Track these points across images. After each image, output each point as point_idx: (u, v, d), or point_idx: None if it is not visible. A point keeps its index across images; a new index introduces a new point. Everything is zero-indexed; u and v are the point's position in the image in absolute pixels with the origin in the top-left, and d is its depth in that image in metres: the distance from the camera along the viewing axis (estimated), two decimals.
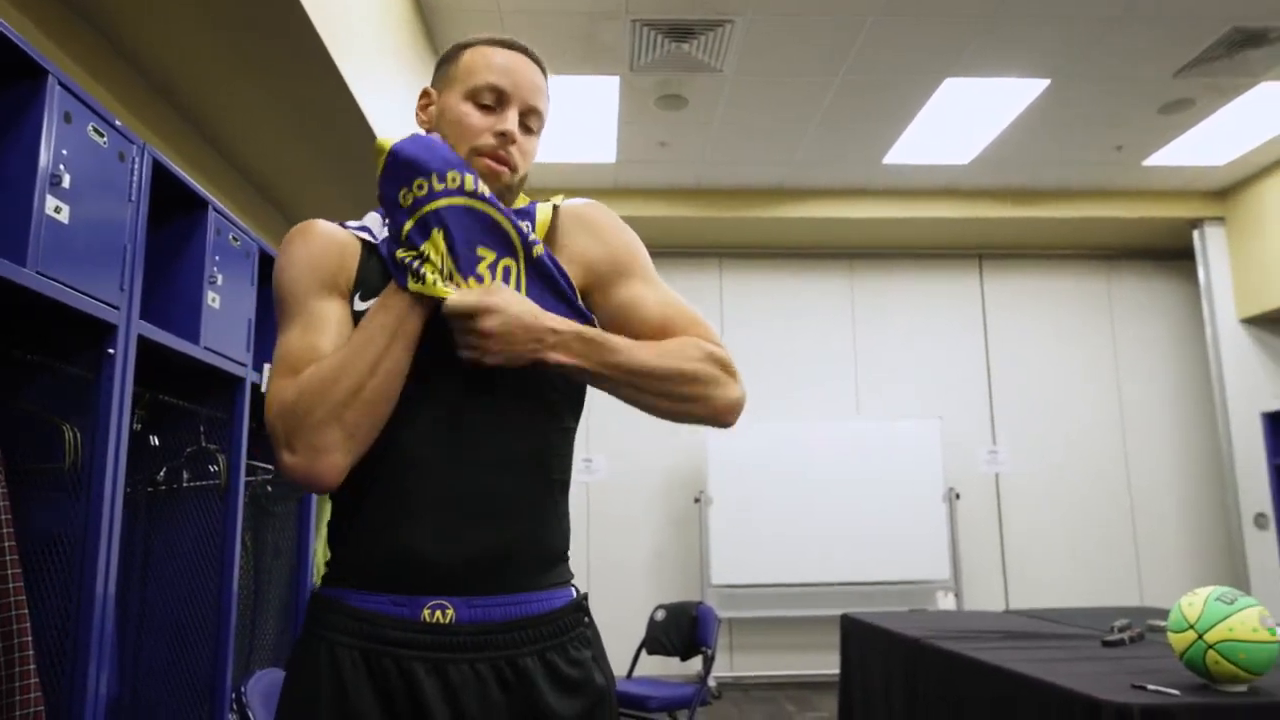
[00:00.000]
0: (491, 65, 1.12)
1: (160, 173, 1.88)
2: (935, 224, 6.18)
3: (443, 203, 1.05)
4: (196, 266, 2.06)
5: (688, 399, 1.07)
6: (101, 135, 1.64)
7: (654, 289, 1.15)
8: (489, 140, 1.10)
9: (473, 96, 1.11)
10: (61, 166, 1.52)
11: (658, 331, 1.11)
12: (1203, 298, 6.19)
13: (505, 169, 1.11)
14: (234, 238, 2.25)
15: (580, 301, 1.11)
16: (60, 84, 1.52)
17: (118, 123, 1.69)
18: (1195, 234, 6.22)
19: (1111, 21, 4.08)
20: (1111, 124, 5.10)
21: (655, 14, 3.98)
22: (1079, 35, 4.19)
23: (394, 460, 1.05)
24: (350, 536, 1.08)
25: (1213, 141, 5.33)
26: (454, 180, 1.06)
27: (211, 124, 3.20)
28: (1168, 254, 6.64)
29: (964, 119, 5.03)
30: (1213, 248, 6.12)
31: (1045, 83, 4.63)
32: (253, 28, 2.60)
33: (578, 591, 1.14)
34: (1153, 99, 4.81)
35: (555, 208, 1.16)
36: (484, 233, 1.07)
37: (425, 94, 1.18)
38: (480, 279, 1.05)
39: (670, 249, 6.42)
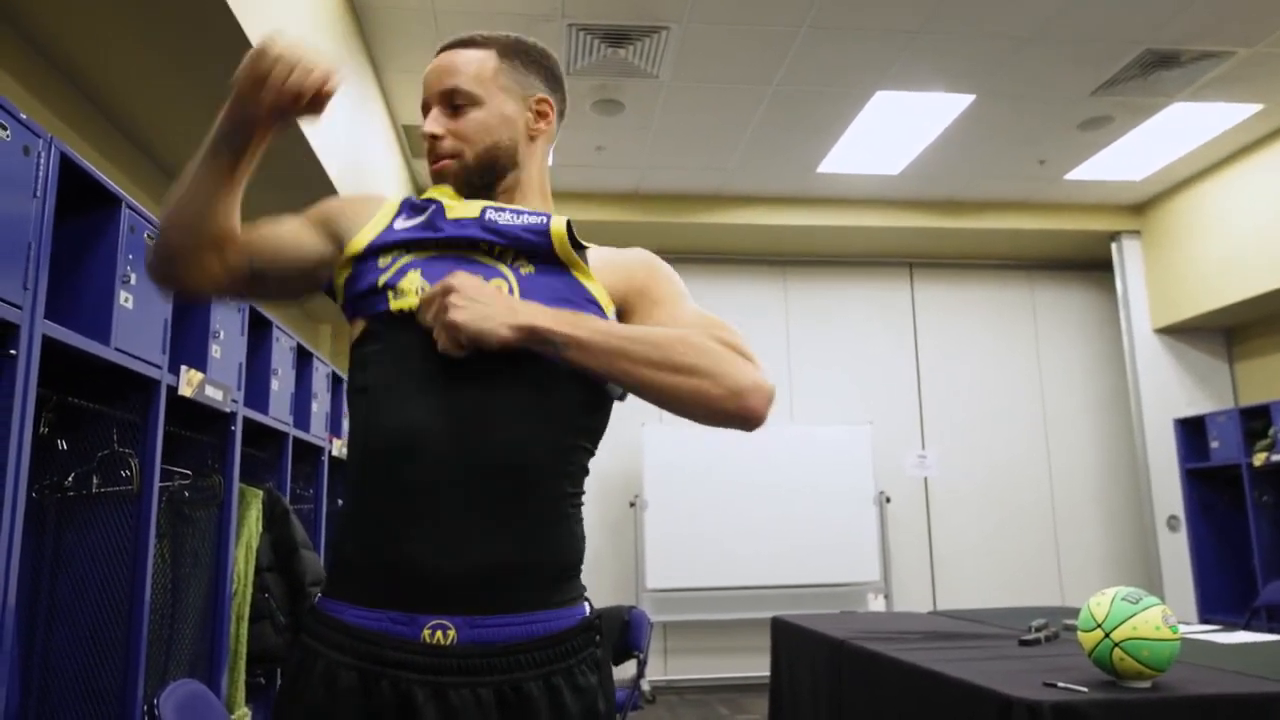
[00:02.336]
0: (424, 81, 1.19)
1: (69, 167, 1.81)
2: (867, 232, 6.31)
3: (418, 254, 1.10)
4: (108, 265, 1.99)
5: (694, 371, 1.00)
6: (4, 128, 1.58)
7: (687, 309, 1.11)
8: (428, 146, 1.16)
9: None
10: None
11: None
12: (1120, 308, 6.43)
13: (447, 164, 1.15)
14: (149, 235, 2.18)
15: (594, 286, 1.09)
16: None
17: (22, 115, 1.63)
18: (1114, 246, 6.46)
19: (1030, 40, 4.21)
20: (1034, 139, 5.26)
21: (591, 19, 3.98)
22: (1001, 53, 4.32)
23: (397, 467, 1.01)
24: (352, 545, 1.04)
25: (1130, 157, 5.54)
26: (427, 239, 1.11)
27: (129, 118, 3.09)
28: (1088, 265, 6.88)
29: (895, 131, 5.15)
30: (1129, 260, 6.36)
31: (970, 98, 4.77)
32: (172, 19, 2.52)
33: (590, 609, 1.09)
34: (1072, 116, 4.99)
35: (568, 222, 1.11)
36: (464, 264, 1.08)
37: None
38: None
39: None
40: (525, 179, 1.19)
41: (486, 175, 1.15)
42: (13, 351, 1.59)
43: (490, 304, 0.99)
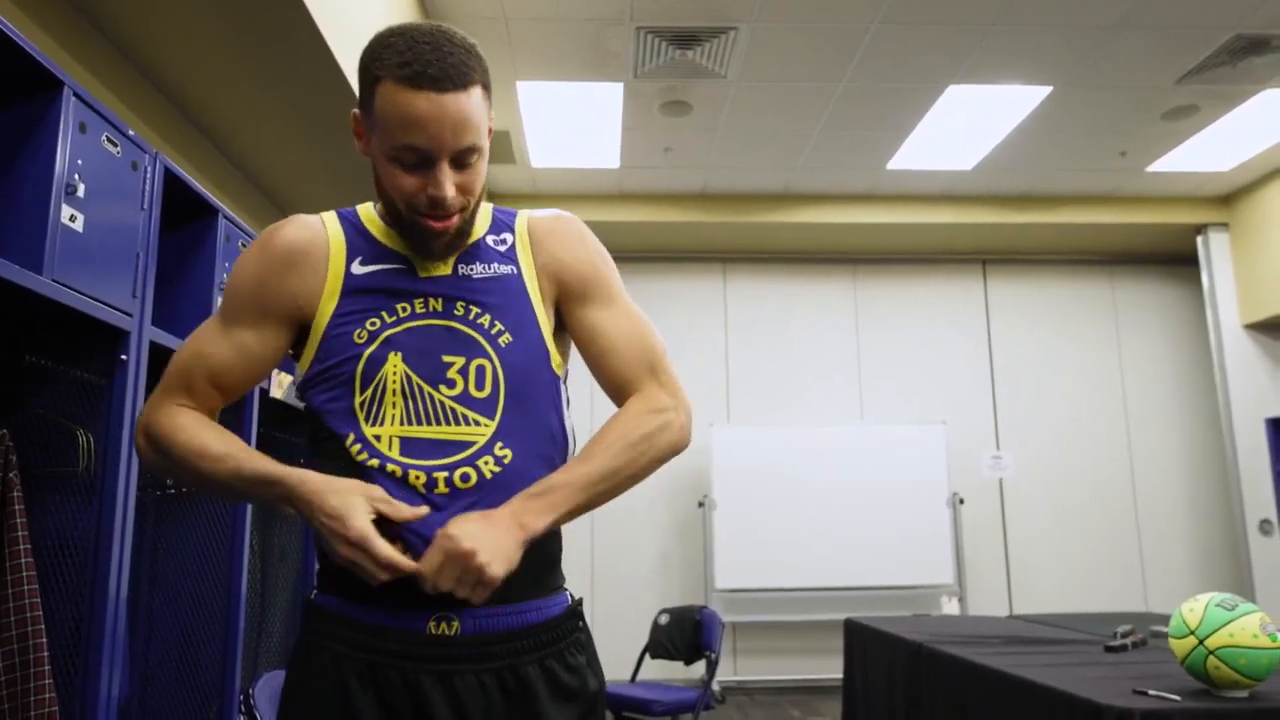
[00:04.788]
0: (407, 121, 1.02)
1: (172, 181, 1.90)
2: (939, 229, 6.20)
3: (396, 330, 1.08)
4: (207, 273, 2.09)
5: (647, 468, 1.12)
6: (115, 145, 1.67)
7: (614, 314, 1.17)
8: (423, 200, 1.05)
9: (396, 158, 1.05)
10: (76, 176, 1.54)
11: (615, 378, 1.16)
12: (1206, 303, 6.20)
13: (451, 220, 1.07)
14: (243, 244, 2.27)
15: (554, 352, 1.14)
16: (75, 95, 1.55)
17: (131, 132, 1.72)
18: (1199, 239, 6.23)
19: (1112, 29, 4.09)
20: (1115, 130, 5.11)
21: (660, 21, 4.00)
22: (1080, 42, 4.21)
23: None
24: None
25: (1217, 147, 5.34)
26: (404, 310, 1.09)
27: (221, 133, 3.22)
28: (1172, 259, 6.65)
29: (967, 125, 5.05)
30: (1216, 253, 6.13)
31: (1048, 89, 4.65)
32: (261, 37, 2.63)
33: (572, 597, 1.16)
34: (1156, 105, 4.83)
35: (528, 220, 1.20)
36: (447, 341, 1.09)
37: (355, 118, 1.11)
38: (452, 384, 1.07)
39: (674, 254, 6.44)
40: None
41: (474, 221, 1.13)
42: (124, 357, 1.68)
43: (494, 539, 0.99)
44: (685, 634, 4.25)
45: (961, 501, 6.19)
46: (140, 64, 2.74)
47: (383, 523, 0.99)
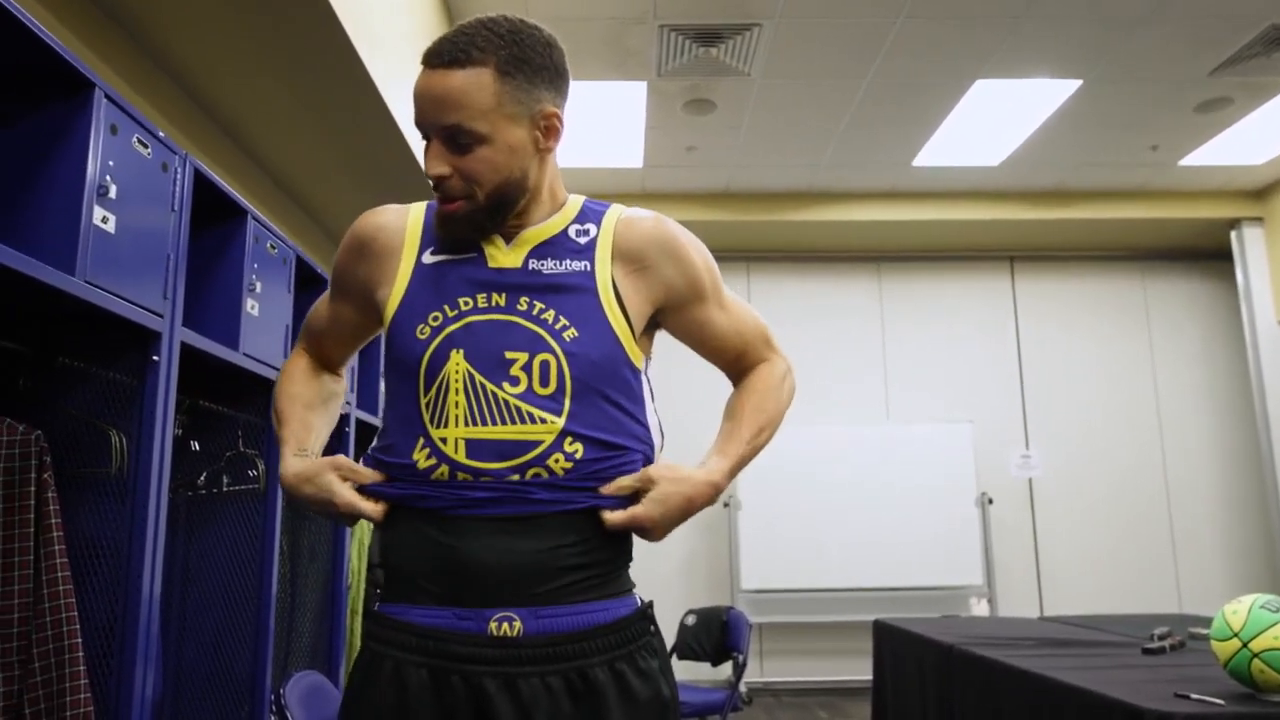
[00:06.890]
0: (415, 99, 1.08)
1: (201, 182, 1.91)
2: (966, 226, 6.13)
3: (457, 325, 1.07)
4: (236, 274, 2.09)
5: (781, 419, 1.28)
6: (145, 146, 1.68)
7: (724, 310, 1.25)
8: (431, 180, 1.08)
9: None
10: (108, 177, 1.55)
11: (735, 354, 1.27)
12: (1241, 299, 6.09)
13: (455, 205, 1.07)
14: (272, 245, 2.28)
15: (631, 348, 1.12)
16: (107, 97, 1.55)
17: (161, 134, 1.73)
18: (1233, 234, 6.12)
19: (1143, 21, 4.03)
20: (1146, 124, 5.03)
21: (683, 19, 3.98)
22: (1110, 35, 4.15)
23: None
24: (409, 549, 1.06)
25: (1251, 140, 5.25)
26: (466, 304, 1.08)
27: (248, 134, 3.25)
28: (1204, 255, 6.54)
29: (995, 120, 4.99)
30: (1251, 248, 6.01)
31: (1077, 83, 4.59)
32: (286, 38, 2.64)
33: (642, 600, 1.12)
34: (1188, 98, 4.75)
35: (618, 218, 1.18)
36: (510, 336, 1.06)
37: None
38: (516, 381, 1.04)
39: None
40: (534, 194, 1.13)
41: (499, 213, 1.09)
42: (155, 358, 1.68)
43: (675, 521, 1.13)
44: (712, 635, 4.23)
45: (990, 501, 6.11)
46: (167, 66, 2.76)
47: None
